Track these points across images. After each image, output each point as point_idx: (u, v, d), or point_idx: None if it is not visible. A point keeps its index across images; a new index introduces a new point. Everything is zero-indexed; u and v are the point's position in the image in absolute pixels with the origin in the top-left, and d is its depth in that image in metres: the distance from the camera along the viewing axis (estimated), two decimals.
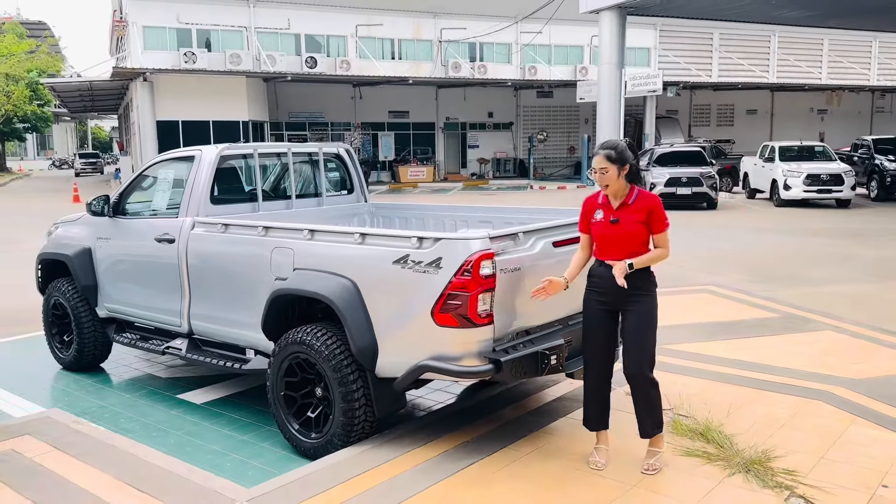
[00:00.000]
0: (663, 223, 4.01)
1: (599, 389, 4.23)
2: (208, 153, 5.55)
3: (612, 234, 4.03)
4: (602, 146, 4.06)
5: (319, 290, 4.43)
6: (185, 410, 5.58)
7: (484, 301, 3.96)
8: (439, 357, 4.04)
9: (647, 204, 4.00)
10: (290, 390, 4.69)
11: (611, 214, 4.04)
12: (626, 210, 4.02)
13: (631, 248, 3.99)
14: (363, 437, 4.47)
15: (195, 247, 5.36)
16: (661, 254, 4.04)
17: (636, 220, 3.99)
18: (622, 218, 4.01)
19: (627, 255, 3.96)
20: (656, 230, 4.01)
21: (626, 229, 4.00)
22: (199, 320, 5.43)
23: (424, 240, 4.08)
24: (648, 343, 4.04)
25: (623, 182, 4.02)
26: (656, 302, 4.10)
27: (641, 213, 4.00)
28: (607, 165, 3.98)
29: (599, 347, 4.18)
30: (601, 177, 4.00)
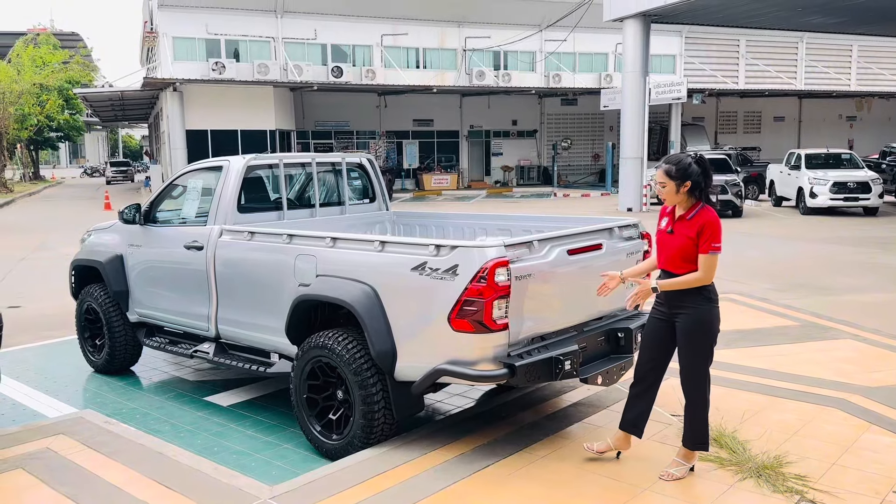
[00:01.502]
0: (709, 244, 3.89)
1: (640, 395, 4.24)
2: (236, 163, 5.74)
3: (666, 244, 4.07)
4: (666, 160, 4.07)
5: (341, 295, 4.58)
6: (212, 412, 5.75)
7: (499, 307, 4.08)
8: (456, 361, 4.17)
9: (702, 221, 3.94)
10: (313, 393, 4.84)
11: (670, 224, 4.08)
12: (683, 223, 4.00)
13: (677, 261, 3.99)
14: (382, 440, 4.60)
15: (223, 254, 5.54)
16: (698, 278, 3.92)
17: (687, 235, 3.95)
18: (677, 230, 4.01)
19: (675, 269, 4.00)
20: (701, 249, 3.91)
21: (676, 242, 3.99)
22: (226, 325, 5.60)
23: (442, 247, 4.21)
24: (688, 359, 4.04)
25: (684, 198, 3.99)
26: (708, 316, 3.99)
27: (693, 229, 3.94)
28: (665, 181, 4.00)
29: (646, 354, 4.20)
30: (660, 190, 4.05)
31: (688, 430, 4.15)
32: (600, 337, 4.75)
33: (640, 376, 4.25)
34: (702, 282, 3.94)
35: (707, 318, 4.00)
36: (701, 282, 3.94)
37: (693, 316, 3.98)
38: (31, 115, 38.42)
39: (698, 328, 4.00)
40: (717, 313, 4.05)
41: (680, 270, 3.98)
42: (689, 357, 4.06)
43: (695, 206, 3.99)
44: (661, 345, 4.17)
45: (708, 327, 4.01)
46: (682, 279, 3.97)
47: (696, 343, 4.03)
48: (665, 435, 4.71)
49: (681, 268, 3.97)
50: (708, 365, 4.09)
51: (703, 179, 3.99)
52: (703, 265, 3.91)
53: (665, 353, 4.19)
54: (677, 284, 3.98)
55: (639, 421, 4.28)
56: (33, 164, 52.67)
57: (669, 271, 4.04)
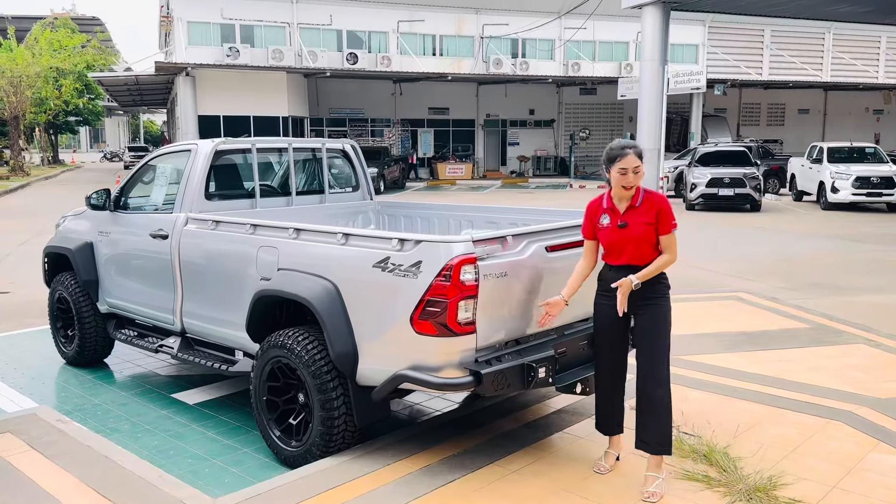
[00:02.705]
0: (670, 224, 3.78)
1: (609, 397, 4.06)
2: (203, 147, 5.41)
3: (621, 239, 3.82)
4: (626, 146, 3.80)
5: (300, 291, 4.24)
6: (177, 410, 5.46)
7: (465, 308, 3.72)
8: (418, 367, 3.81)
9: (655, 204, 3.78)
10: (273, 395, 4.51)
11: (618, 219, 3.82)
12: (634, 212, 3.80)
13: (641, 251, 3.79)
14: (344, 448, 4.26)
15: (187, 243, 5.23)
16: (668, 260, 3.80)
17: (644, 223, 3.77)
18: (630, 221, 3.79)
19: (638, 259, 3.80)
20: (663, 231, 3.77)
21: (634, 232, 3.78)
22: (191, 318, 5.29)
23: (406, 242, 3.85)
24: (658, 349, 3.82)
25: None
26: (669, 306, 3.88)
27: (649, 215, 3.77)
28: (640, 164, 3.75)
29: (608, 353, 3.99)
30: (635, 177, 3.76)
31: (654, 433, 3.84)
32: (582, 341, 4.37)
33: (605, 377, 4.06)
34: (671, 261, 3.81)
35: (669, 309, 3.88)
36: (671, 262, 3.81)
37: (660, 307, 3.83)
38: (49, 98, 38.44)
39: (664, 320, 3.85)
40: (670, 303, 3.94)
41: (648, 260, 3.80)
42: (657, 353, 3.82)
43: (637, 192, 3.81)
44: (623, 341, 4.01)
45: (670, 319, 3.89)
46: (656, 265, 3.79)
47: (663, 337, 3.84)
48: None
49: (650, 256, 3.80)
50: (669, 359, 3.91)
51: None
52: (669, 246, 3.79)
53: (625, 348, 4.05)
54: (654, 272, 3.79)
55: (618, 418, 4.12)
56: (52, 147, 52.88)
57: (635, 265, 3.80)
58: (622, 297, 3.77)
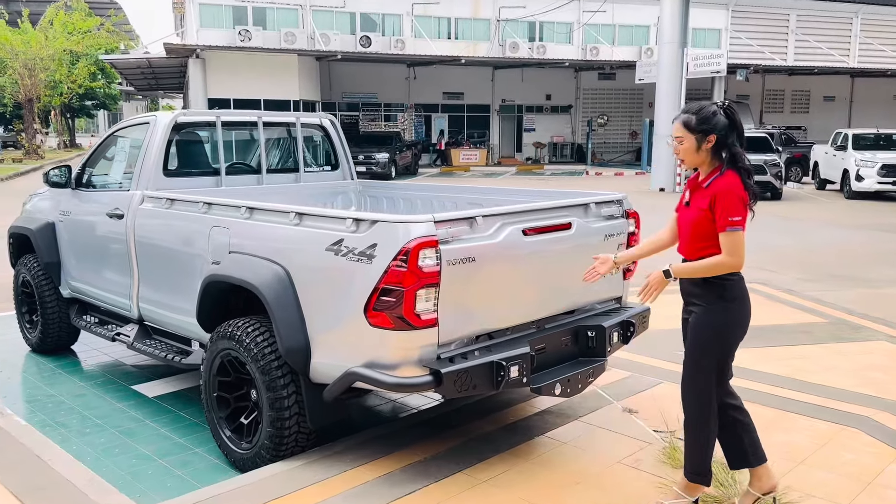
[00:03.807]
0: (725, 219, 3.01)
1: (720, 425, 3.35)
2: (162, 119, 4.98)
3: (680, 221, 3.26)
4: (685, 109, 3.22)
5: (247, 277, 3.81)
6: (133, 404, 5.07)
7: (425, 298, 3.26)
8: (373, 364, 3.37)
9: (715, 187, 3.06)
10: (224, 391, 4.10)
11: (690, 195, 3.22)
12: (699, 193, 3.16)
13: (694, 242, 3.13)
14: (297, 451, 3.84)
15: (143, 223, 4.82)
16: (720, 262, 3.04)
17: (699, 207, 3.10)
18: (693, 201, 3.18)
19: (689, 253, 3.17)
20: (717, 227, 3.04)
21: (689, 217, 3.16)
22: (148, 304, 4.89)
23: (361, 222, 3.40)
24: (687, 368, 3.23)
25: (706, 158, 3.13)
26: (713, 320, 3.13)
27: (706, 200, 3.07)
28: (683, 134, 3.14)
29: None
30: (676, 148, 3.19)
31: (685, 454, 3.31)
32: (565, 336, 3.90)
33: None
34: (725, 266, 3.05)
35: (716, 322, 3.13)
36: (724, 266, 3.05)
37: (700, 316, 3.15)
38: (62, 82, 38.31)
39: (703, 332, 3.15)
40: (735, 316, 3.15)
41: (694, 254, 3.14)
42: (688, 365, 3.24)
43: (715, 170, 3.12)
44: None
45: (716, 333, 3.15)
46: (700, 263, 3.11)
47: (699, 350, 3.18)
48: (639, 458, 3.86)
49: (698, 250, 3.12)
50: (709, 380, 3.18)
51: (730, 135, 3.11)
52: (725, 246, 3.04)
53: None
54: (695, 270, 3.13)
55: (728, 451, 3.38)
56: (69, 131, 52.84)
57: (685, 257, 3.21)
58: (647, 285, 3.18)
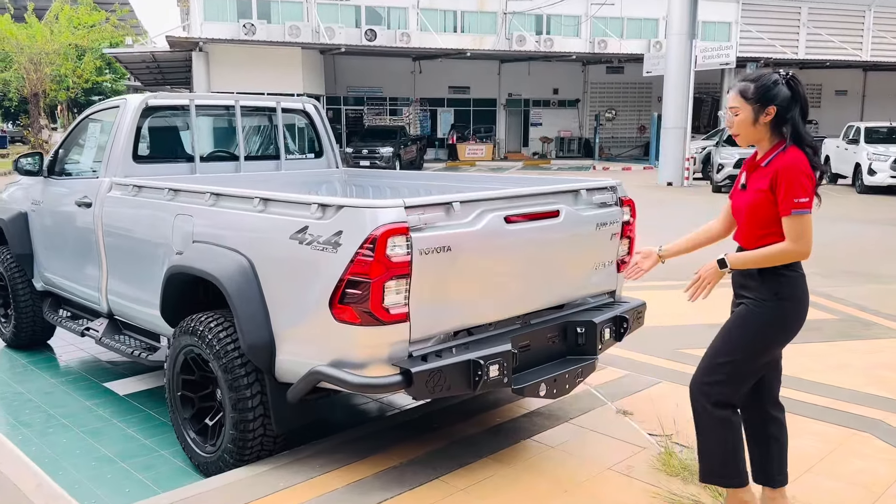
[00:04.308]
0: (790, 200, 2.63)
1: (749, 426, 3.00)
2: (132, 102, 4.72)
3: (736, 206, 2.91)
4: (743, 77, 2.85)
5: (209, 268, 3.55)
6: (103, 402, 4.82)
7: (395, 291, 2.99)
8: (339, 362, 3.10)
9: (776, 165, 2.69)
10: (188, 390, 3.84)
11: (746, 178, 2.88)
12: (757, 173, 2.80)
13: (754, 229, 2.78)
14: (263, 456, 3.57)
15: (110, 211, 4.56)
16: (783, 250, 2.67)
17: (759, 189, 2.74)
18: (750, 184, 2.83)
19: (746, 241, 2.82)
20: (781, 210, 2.67)
21: (747, 200, 2.80)
22: (116, 297, 4.64)
23: (327, 207, 3.12)
24: (717, 356, 2.81)
25: (764, 133, 2.76)
26: (765, 316, 2.75)
27: (766, 179, 2.71)
28: (739, 105, 2.76)
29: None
30: (730, 121, 2.83)
31: (699, 454, 2.95)
32: (552, 333, 3.62)
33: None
34: (789, 254, 2.69)
35: (764, 319, 2.75)
36: (788, 254, 2.69)
37: (748, 309, 2.79)
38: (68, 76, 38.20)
39: (749, 320, 2.78)
40: (786, 318, 2.77)
41: (753, 243, 2.78)
42: (720, 352, 2.81)
43: (775, 147, 2.76)
44: None
45: (760, 330, 2.77)
46: (759, 252, 2.73)
47: (737, 337, 2.80)
48: (631, 464, 3.57)
49: (758, 238, 2.76)
50: (746, 371, 2.80)
51: (793, 108, 2.73)
52: (789, 232, 2.67)
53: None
54: (754, 260, 2.75)
55: (764, 463, 3.00)
56: None
57: (742, 246, 2.86)
58: (697, 280, 2.83)
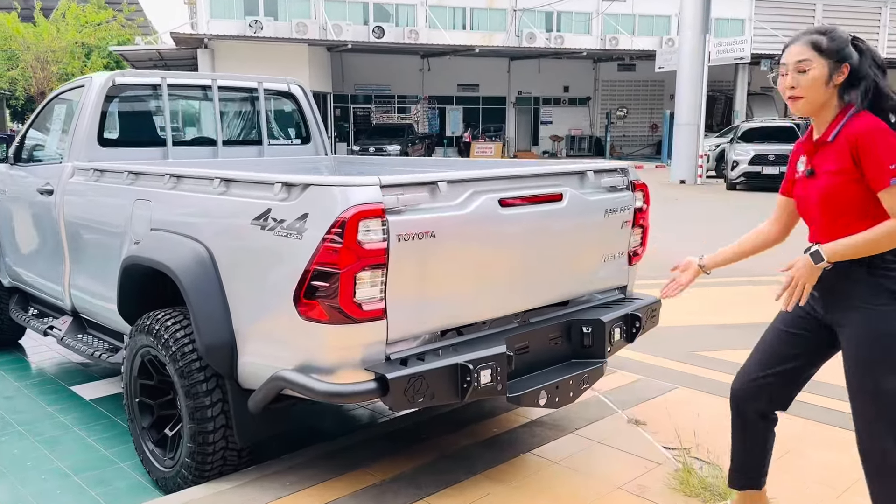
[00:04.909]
0: (884, 168, 2.12)
1: (745, 427, 2.63)
2: (97, 80, 4.32)
3: (806, 196, 2.36)
4: (804, 31, 2.31)
5: (163, 258, 3.15)
6: (66, 407, 4.43)
7: (369, 283, 2.56)
8: (305, 366, 2.68)
9: (851, 134, 2.18)
10: (147, 396, 3.43)
11: (810, 162, 2.35)
12: (826, 152, 2.28)
13: (836, 219, 2.25)
14: (226, 472, 3.16)
15: (71, 199, 4.17)
16: (888, 230, 2.14)
17: (834, 171, 2.23)
18: (819, 168, 2.30)
19: (836, 235, 2.25)
20: (876, 183, 2.14)
21: (819, 188, 2.28)
22: (79, 293, 4.24)
23: (292, 187, 2.70)
24: (880, 392, 2.23)
25: (830, 98, 2.26)
26: (893, 323, 2.21)
27: (842, 156, 2.21)
28: (812, 58, 2.23)
29: (764, 363, 2.52)
30: (792, 81, 2.26)
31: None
32: (554, 333, 3.18)
33: (743, 398, 2.61)
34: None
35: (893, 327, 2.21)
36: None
37: (866, 325, 2.24)
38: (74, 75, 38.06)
39: (886, 334, 2.21)
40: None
41: (837, 237, 2.24)
42: (881, 386, 2.22)
43: (841, 114, 2.25)
44: (798, 356, 2.48)
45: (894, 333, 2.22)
46: (864, 236, 2.18)
47: (882, 370, 2.22)
48: (644, 483, 3.13)
49: (843, 228, 2.24)
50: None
51: (865, 67, 2.24)
52: (891, 207, 2.14)
53: (795, 368, 2.50)
54: (857, 246, 2.18)
55: (757, 468, 2.69)
56: None
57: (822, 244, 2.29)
58: (789, 280, 2.29)
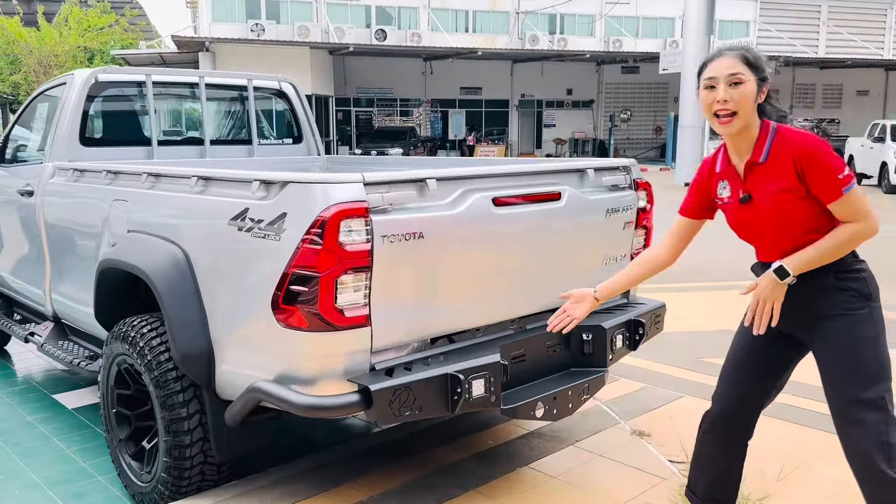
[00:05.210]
0: (833, 180, 2.06)
1: (718, 450, 2.45)
2: (79, 77, 4.16)
3: (749, 221, 2.24)
4: (728, 46, 2.21)
5: (137, 261, 2.98)
6: (48, 416, 4.26)
7: (352, 287, 2.39)
8: (285, 377, 2.50)
9: (790, 152, 2.09)
10: (124, 407, 3.26)
11: (740, 188, 2.23)
12: (759, 173, 2.16)
13: (794, 235, 2.16)
14: (205, 488, 2.99)
15: (51, 200, 4.01)
16: (855, 234, 2.09)
17: (777, 191, 2.13)
18: (755, 190, 2.18)
19: (792, 251, 2.17)
20: (827, 196, 2.08)
21: (766, 212, 2.17)
22: (60, 297, 4.08)
23: (271, 185, 2.53)
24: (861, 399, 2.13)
25: (753, 114, 2.16)
26: (873, 326, 2.15)
27: (785, 174, 2.10)
28: (743, 72, 2.12)
29: (736, 382, 2.41)
30: (727, 91, 2.12)
31: None
32: (552, 341, 3.00)
33: (717, 418, 2.44)
34: (865, 233, 2.10)
35: (869, 322, 2.14)
36: (864, 234, 2.10)
37: (847, 322, 2.16)
38: None
39: (863, 338, 2.14)
40: (881, 322, 2.16)
41: (790, 253, 2.18)
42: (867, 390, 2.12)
43: (762, 133, 2.16)
44: (767, 370, 2.39)
45: (870, 336, 2.13)
46: (825, 244, 2.11)
47: (868, 363, 2.14)
48: (648, 500, 2.95)
49: (798, 243, 2.16)
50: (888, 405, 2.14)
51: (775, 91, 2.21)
52: (849, 212, 2.08)
53: (766, 382, 2.40)
54: (819, 254, 2.12)
55: (728, 488, 2.50)
56: None
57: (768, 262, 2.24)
58: (763, 301, 2.20)
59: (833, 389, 2.20)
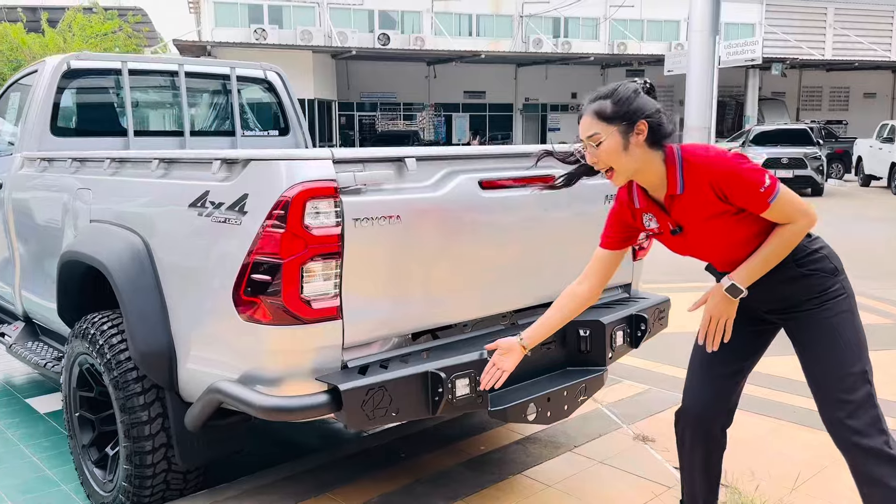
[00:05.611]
0: (756, 193, 1.98)
1: (697, 451, 2.31)
2: (50, 63, 3.95)
3: (690, 247, 2.18)
4: (588, 100, 2.18)
5: (94, 252, 2.76)
6: (18, 421, 4.05)
7: (321, 276, 2.16)
8: (248, 376, 2.27)
9: (705, 179, 2.01)
10: (87, 410, 3.03)
11: (668, 221, 2.14)
12: (683, 205, 2.08)
13: (741, 249, 2.09)
14: (171, 497, 2.75)
15: (19, 192, 3.80)
16: (795, 232, 2.04)
17: (709, 218, 2.06)
18: (684, 221, 2.11)
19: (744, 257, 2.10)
20: (755, 209, 2.01)
21: (704, 238, 2.12)
22: (29, 295, 3.87)
23: (232, 165, 2.30)
24: (847, 377, 2.06)
25: (641, 155, 2.05)
26: (845, 301, 2.11)
27: (708, 202, 2.03)
28: (598, 130, 2.07)
29: (711, 380, 2.27)
30: (592, 154, 2.11)
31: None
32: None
33: (693, 416, 2.30)
34: (804, 227, 2.05)
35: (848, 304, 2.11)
36: (802, 229, 2.05)
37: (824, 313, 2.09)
38: None
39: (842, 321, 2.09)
40: (853, 295, 2.15)
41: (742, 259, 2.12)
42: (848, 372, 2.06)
43: (669, 164, 2.06)
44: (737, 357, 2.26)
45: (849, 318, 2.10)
46: (768, 250, 2.04)
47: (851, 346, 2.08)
48: None
49: (745, 251, 2.11)
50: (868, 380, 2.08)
51: (660, 115, 2.07)
52: (784, 215, 2.02)
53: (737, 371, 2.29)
54: (764, 260, 2.06)
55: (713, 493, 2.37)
56: None
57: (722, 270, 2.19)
58: (715, 318, 2.13)
59: (818, 368, 2.11)
